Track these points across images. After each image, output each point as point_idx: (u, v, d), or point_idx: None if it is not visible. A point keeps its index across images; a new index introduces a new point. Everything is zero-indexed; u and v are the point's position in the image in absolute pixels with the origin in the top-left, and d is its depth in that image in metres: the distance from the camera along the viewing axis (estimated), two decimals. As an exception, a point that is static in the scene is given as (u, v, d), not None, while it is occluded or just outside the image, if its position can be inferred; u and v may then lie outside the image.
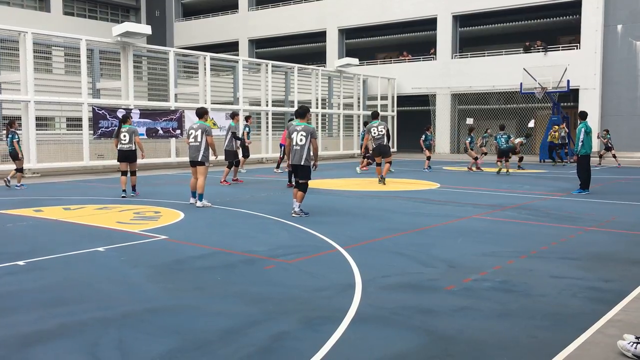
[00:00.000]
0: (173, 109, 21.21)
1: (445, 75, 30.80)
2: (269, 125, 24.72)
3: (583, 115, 13.25)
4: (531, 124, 24.69)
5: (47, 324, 4.34)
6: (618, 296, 5.07)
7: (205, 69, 22.55)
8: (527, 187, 14.15)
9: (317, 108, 27.39)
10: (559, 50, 28.31)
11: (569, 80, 23.95)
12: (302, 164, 9.32)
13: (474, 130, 20.40)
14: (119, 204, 10.99)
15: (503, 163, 18.02)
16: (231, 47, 38.30)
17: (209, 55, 22.93)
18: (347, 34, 35.32)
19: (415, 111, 33.09)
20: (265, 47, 38.50)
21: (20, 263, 6.22)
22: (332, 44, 35.02)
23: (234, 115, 15.34)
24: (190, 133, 10.75)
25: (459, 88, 30.54)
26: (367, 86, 31.97)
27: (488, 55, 30.25)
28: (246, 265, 6.20)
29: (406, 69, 32.60)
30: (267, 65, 25.02)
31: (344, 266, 6.12)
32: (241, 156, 19.72)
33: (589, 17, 27.09)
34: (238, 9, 38.85)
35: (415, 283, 5.50)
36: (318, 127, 27.54)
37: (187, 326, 4.28)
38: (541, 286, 5.38)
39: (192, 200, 10.89)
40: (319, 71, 27.77)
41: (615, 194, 12.81)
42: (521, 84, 25.18)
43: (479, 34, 32.00)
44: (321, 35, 35.55)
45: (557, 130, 22.38)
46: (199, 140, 10.58)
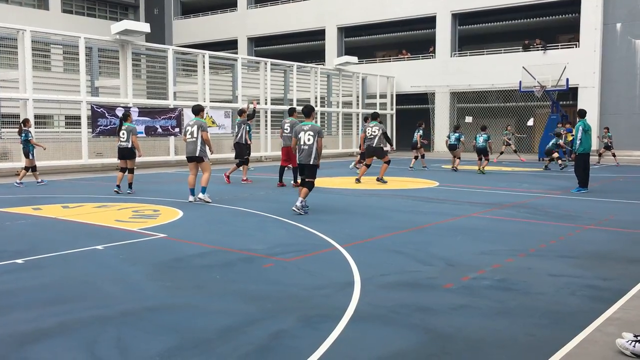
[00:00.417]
0: (172, 107, 21.20)
1: (444, 73, 30.81)
2: (268, 124, 24.71)
3: (581, 113, 13.17)
4: (530, 123, 24.72)
5: (46, 322, 4.34)
6: (616, 294, 5.07)
7: (204, 67, 22.54)
8: (526, 186, 14.16)
9: (316, 106, 27.37)
10: (558, 48, 28.32)
11: (568, 79, 23.98)
12: (311, 163, 9.52)
13: (459, 128, 19.66)
14: (118, 202, 10.99)
15: (484, 161, 17.62)
16: (230, 45, 38.27)
17: (207, 53, 22.92)
18: (346, 32, 35.31)
19: (414, 109, 33.08)
20: (264, 45, 38.47)
21: (19, 261, 6.22)
22: (331, 42, 35.00)
23: (241, 112, 15.29)
24: (187, 130, 11.01)
25: (458, 86, 30.55)
26: (366, 84, 31.98)
27: (487, 54, 30.26)
28: (245, 263, 6.20)
29: (405, 67, 32.60)
30: (266, 64, 25.01)
31: (343, 264, 6.12)
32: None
33: (588, 16, 27.10)
34: (237, 7, 38.82)
35: (413, 281, 5.50)
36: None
37: (186, 324, 4.28)
38: (540, 284, 5.38)
39: (191, 199, 10.90)
40: (318, 69, 27.76)
41: (613, 193, 12.82)
42: (520, 82, 25.21)
43: (478, 32, 32.00)
44: (320, 34, 35.53)
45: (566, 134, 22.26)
46: (195, 136, 10.79)
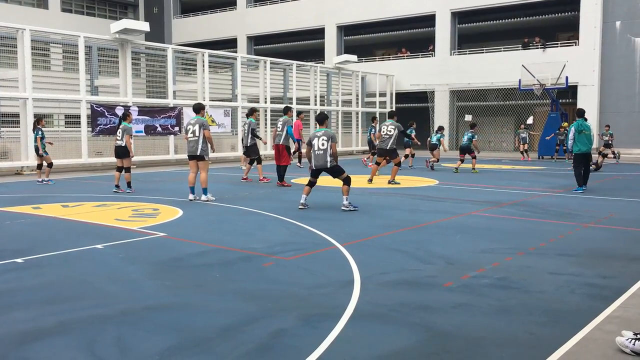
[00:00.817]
0: (172, 106, 21.19)
1: (443, 72, 30.80)
2: (268, 122, 24.70)
3: (579, 112, 12.83)
4: (530, 121, 24.72)
5: (45, 321, 4.34)
6: (616, 293, 5.07)
7: (203, 66, 22.53)
8: (526, 184, 14.16)
9: (316, 105, 27.36)
10: (558, 46, 28.32)
11: (567, 77, 23.97)
12: (329, 166, 9.80)
13: (476, 126, 19.52)
14: (118, 201, 10.98)
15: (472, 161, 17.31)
16: (229, 44, 38.26)
17: (207, 52, 22.91)
18: (346, 30, 35.29)
19: (413, 108, 33.06)
20: (263, 44, 38.46)
21: (19, 260, 6.22)
22: (331, 41, 34.99)
23: (253, 111, 15.17)
24: (188, 128, 10.97)
25: (458, 85, 30.55)
26: (366, 83, 31.96)
27: (486, 52, 30.25)
28: (244, 262, 6.20)
29: (405, 65, 32.59)
30: (266, 62, 25.00)
31: (343, 263, 6.12)
32: (242, 154, 19.71)
33: (587, 14, 27.09)
34: (236, 5, 38.80)
35: (413, 280, 5.50)
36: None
37: (186, 323, 4.28)
38: (539, 283, 5.38)
39: (191, 197, 10.90)
40: (317, 68, 27.75)
41: (613, 191, 12.81)
42: (520, 80, 25.20)
43: (478, 30, 31.99)
44: (320, 32, 35.51)
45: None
46: (197, 134, 10.76)
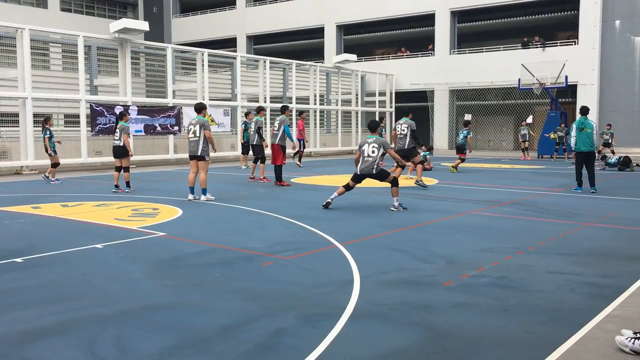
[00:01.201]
0: (171, 105, 21.19)
1: (443, 71, 30.80)
2: (267, 122, 24.67)
3: (581, 110, 12.65)
4: (529, 120, 24.72)
5: (45, 321, 4.34)
6: (616, 292, 5.07)
7: (203, 65, 22.52)
8: (526, 183, 14.16)
9: (315, 104, 27.36)
10: (557, 45, 28.32)
11: (567, 76, 23.97)
12: (374, 173, 9.82)
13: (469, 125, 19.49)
14: (117, 201, 10.98)
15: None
16: (229, 44, 38.26)
17: (206, 51, 22.90)
18: (345, 29, 35.29)
19: (413, 107, 33.01)
20: (263, 44, 38.45)
21: (18, 260, 6.22)
22: (330, 40, 34.98)
23: (260, 109, 14.97)
24: (189, 128, 10.97)
25: (457, 84, 30.55)
26: (365, 82, 31.95)
27: (486, 51, 30.25)
28: (244, 261, 6.20)
29: (404, 65, 32.59)
30: (265, 62, 24.99)
31: (342, 262, 6.12)
32: (241, 153, 19.70)
33: (587, 13, 27.09)
34: (236, 5, 38.79)
35: (413, 279, 5.50)
36: (316, 124, 27.53)
37: (185, 323, 4.28)
38: (539, 282, 5.38)
39: (190, 197, 10.90)
40: (317, 67, 27.74)
41: (613, 190, 12.81)
42: (519, 79, 25.20)
43: (477, 29, 31.98)
44: (319, 31, 35.51)
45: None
46: (198, 135, 10.74)
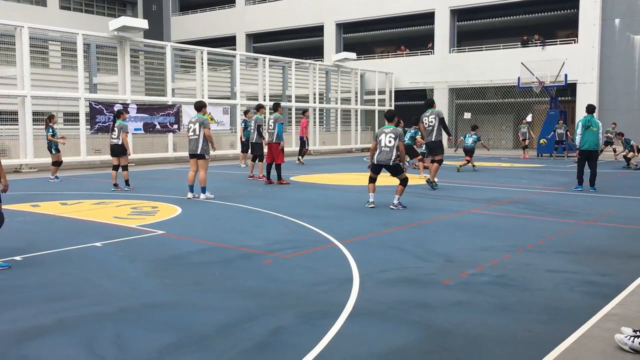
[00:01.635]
0: (170, 103, 21.17)
1: (442, 69, 30.78)
2: (266, 120, 24.63)
3: (587, 108, 12.51)
4: (529, 119, 24.72)
5: (45, 319, 4.34)
6: (615, 290, 5.08)
7: (202, 64, 22.50)
8: (525, 182, 14.16)
9: (315, 103, 27.35)
10: (557, 44, 28.31)
11: (566, 75, 23.97)
12: (391, 164, 9.76)
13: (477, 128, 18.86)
14: (116, 199, 10.98)
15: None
16: (228, 42, 38.20)
17: (206, 49, 22.88)
18: (345, 28, 35.25)
19: (412, 106, 33.03)
20: (262, 42, 38.41)
21: (18, 258, 6.22)
22: (330, 39, 34.95)
23: (260, 107, 15.09)
24: (189, 127, 10.96)
25: (457, 82, 30.53)
26: (365, 81, 31.94)
27: (486, 50, 30.23)
28: (243, 260, 6.20)
29: (404, 63, 32.56)
30: (265, 60, 24.97)
31: (342, 261, 6.12)
32: (240, 151, 19.69)
33: (586, 11, 27.07)
34: (235, 3, 38.74)
35: (412, 277, 5.50)
36: (315, 122, 27.52)
37: (185, 321, 4.28)
38: (538, 280, 5.38)
39: (190, 195, 10.90)
40: (316, 66, 27.72)
41: (612, 189, 12.82)
42: (519, 78, 25.20)
43: (477, 28, 31.96)
44: (319, 30, 35.48)
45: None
46: (197, 133, 10.73)
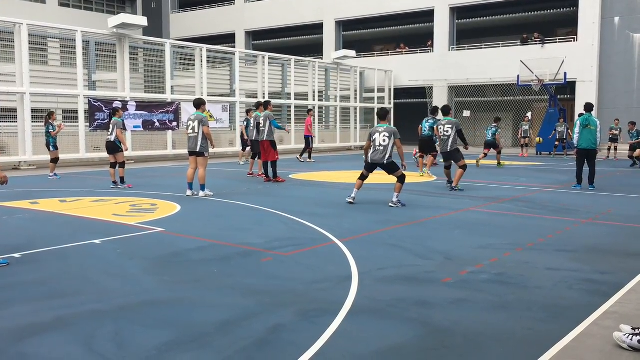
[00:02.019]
0: (169, 101, 21.15)
1: (442, 67, 30.76)
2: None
3: (585, 107, 12.46)
4: (528, 117, 24.72)
5: (43, 316, 4.34)
6: (614, 288, 5.08)
7: (201, 61, 22.47)
8: (524, 180, 14.16)
9: (314, 100, 27.32)
10: (556, 42, 28.28)
11: (566, 73, 23.96)
12: (385, 163, 9.76)
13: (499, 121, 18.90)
14: (115, 197, 10.97)
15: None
16: (228, 39, 38.16)
17: (205, 47, 22.85)
18: (344, 26, 35.22)
19: (412, 103, 33.07)
20: (262, 39, 38.37)
21: (16, 255, 6.21)
22: (329, 36, 34.91)
23: (259, 105, 14.69)
24: (188, 124, 10.94)
25: (456, 80, 30.51)
26: (364, 78, 31.91)
27: (485, 48, 30.21)
28: (243, 257, 6.20)
29: (403, 61, 32.54)
30: (264, 58, 24.93)
31: (341, 258, 6.12)
32: (240, 149, 19.66)
33: (586, 10, 27.06)
34: (234, 0, 38.68)
35: (411, 275, 5.50)
36: (315, 120, 27.49)
37: (184, 318, 4.28)
38: (537, 278, 5.39)
39: (189, 192, 10.90)
40: (316, 63, 27.69)
41: (611, 187, 12.82)
42: (518, 76, 25.20)
43: (476, 26, 31.94)
44: (318, 27, 35.43)
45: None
46: (197, 131, 10.71)
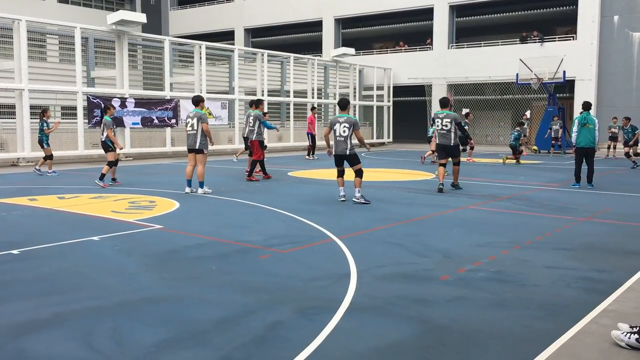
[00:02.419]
0: (168, 98, 21.13)
1: (441, 65, 30.75)
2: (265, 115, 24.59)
3: (583, 105, 12.45)
4: (528, 115, 24.73)
5: (42, 313, 4.34)
6: (612, 286, 5.09)
7: (200, 58, 22.44)
8: (522, 178, 14.17)
9: (313, 98, 27.30)
10: (556, 41, 28.28)
11: (565, 71, 23.96)
12: (348, 154, 9.81)
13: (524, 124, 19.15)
14: (114, 193, 10.96)
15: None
16: (227, 36, 38.10)
17: (204, 44, 22.82)
18: (344, 23, 35.18)
19: (411, 101, 33.05)
20: (261, 37, 38.32)
21: (15, 252, 6.20)
22: (329, 34, 34.88)
23: (252, 104, 14.60)
24: (187, 121, 10.96)
25: (455, 78, 30.50)
26: (363, 76, 31.89)
27: (484, 46, 30.21)
28: (241, 255, 6.20)
29: (402, 59, 32.52)
30: (263, 55, 24.91)
31: (339, 256, 6.12)
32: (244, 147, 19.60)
33: (585, 8, 27.05)
34: (234, -3, 38.63)
35: (410, 273, 5.51)
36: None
37: (182, 315, 4.28)
38: (535, 276, 5.39)
39: (188, 190, 10.89)
40: (315, 61, 27.67)
41: (609, 185, 12.83)
42: (517, 74, 25.18)
43: (476, 24, 31.93)
44: (317, 25, 35.40)
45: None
46: (196, 128, 10.71)
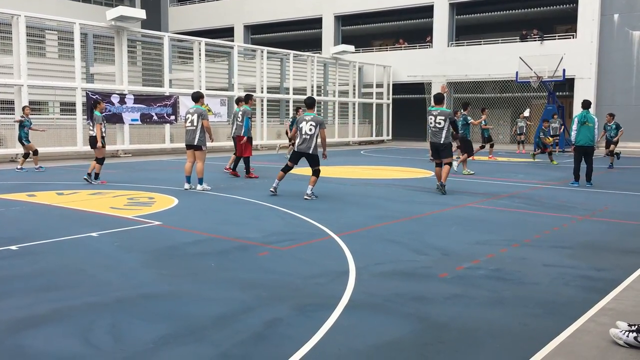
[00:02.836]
0: (167, 94, 21.10)
1: (441, 63, 30.73)
2: (264, 112, 24.63)
3: (583, 104, 12.47)
4: (526, 113, 24.73)
5: (40, 308, 4.33)
6: (610, 285, 5.10)
7: (200, 55, 22.41)
8: (522, 176, 14.18)
9: (313, 95, 27.29)
10: (555, 39, 28.28)
11: (564, 70, 23.96)
12: (311, 153, 9.78)
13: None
14: (113, 190, 10.95)
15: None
16: (226, 33, 38.03)
17: (204, 40, 22.78)
18: (343, 20, 35.15)
19: (410, 99, 33.03)
20: (260, 33, 38.26)
21: (13, 248, 6.20)
22: (328, 31, 34.84)
23: (239, 100, 14.52)
24: (187, 117, 10.93)
25: (455, 76, 30.49)
26: (363, 74, 31.86)
27: (484, 44, 30.19)
28: (240, 251, 6.20)
29: (402, 56, 32.50)
30: (263, 52, 24.88)
31: (338, 253, 6.12)
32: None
33: (585, 6, 27.04)
34: (234, -6, 38.55)
35: (408, 270, 5.51)
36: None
37: (181, 312, 4.28)
38: (534, 274, 5.40)
39: (187, 186, 10.89)
40: (314, 58, 27.64)
41: (608, 184, 12.84)
42: (517, 72, 25.18)
43: (476, 22, 31.90)
44: (317, 22, 35.36)
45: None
46: (195, 124, 10.69)
